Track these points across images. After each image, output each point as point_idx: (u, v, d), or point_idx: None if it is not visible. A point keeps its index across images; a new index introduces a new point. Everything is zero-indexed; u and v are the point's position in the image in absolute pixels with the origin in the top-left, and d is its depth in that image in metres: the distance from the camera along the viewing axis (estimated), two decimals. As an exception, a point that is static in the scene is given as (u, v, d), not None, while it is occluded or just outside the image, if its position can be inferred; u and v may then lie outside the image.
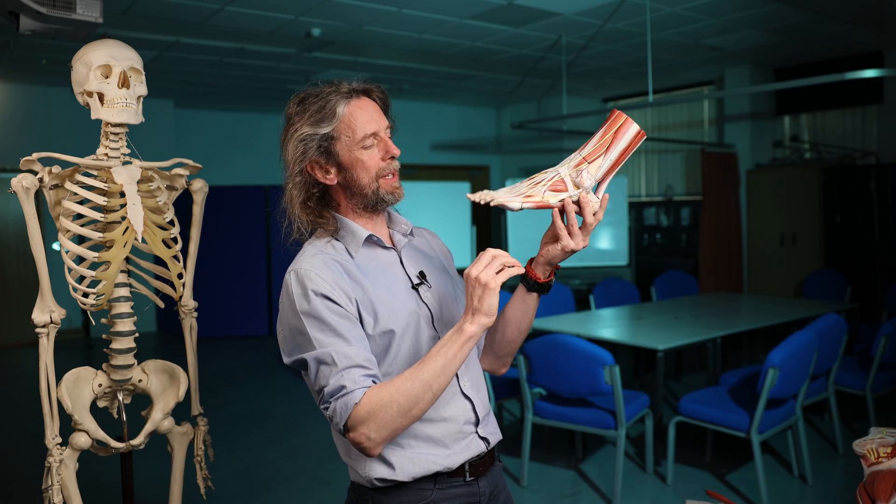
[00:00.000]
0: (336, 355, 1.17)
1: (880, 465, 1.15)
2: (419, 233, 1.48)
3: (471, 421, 1.32)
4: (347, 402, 1.15)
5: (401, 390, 1.14)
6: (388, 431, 1.16)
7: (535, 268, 1.31)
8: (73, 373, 2.06)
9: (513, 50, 6.40)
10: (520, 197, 1.19)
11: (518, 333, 1.41)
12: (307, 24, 5.34)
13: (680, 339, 3.68)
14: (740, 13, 5.30)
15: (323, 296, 1.20)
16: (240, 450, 4.15)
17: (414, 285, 1.32)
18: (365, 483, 1.28)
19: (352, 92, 1.28)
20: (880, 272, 6.33)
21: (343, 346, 1.18)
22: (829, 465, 3.74)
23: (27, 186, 1.91)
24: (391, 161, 1.29)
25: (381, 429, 1.15)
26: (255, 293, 7.90)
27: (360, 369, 1.17)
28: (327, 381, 1.17)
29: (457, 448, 1.29)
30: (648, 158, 8.86)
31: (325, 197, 1.33)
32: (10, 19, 2.28)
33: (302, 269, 1.23)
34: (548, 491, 3.48)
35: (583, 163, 1.20)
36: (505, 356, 1.45)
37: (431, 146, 9.61)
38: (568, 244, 1.22)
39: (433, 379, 1.15)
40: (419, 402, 1.15)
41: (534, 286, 1.32)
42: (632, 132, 1.18)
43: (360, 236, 1.30)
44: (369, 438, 1.15)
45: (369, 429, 1.14)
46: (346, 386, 1.16)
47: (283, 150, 1.30)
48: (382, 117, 1.30)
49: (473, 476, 1.31)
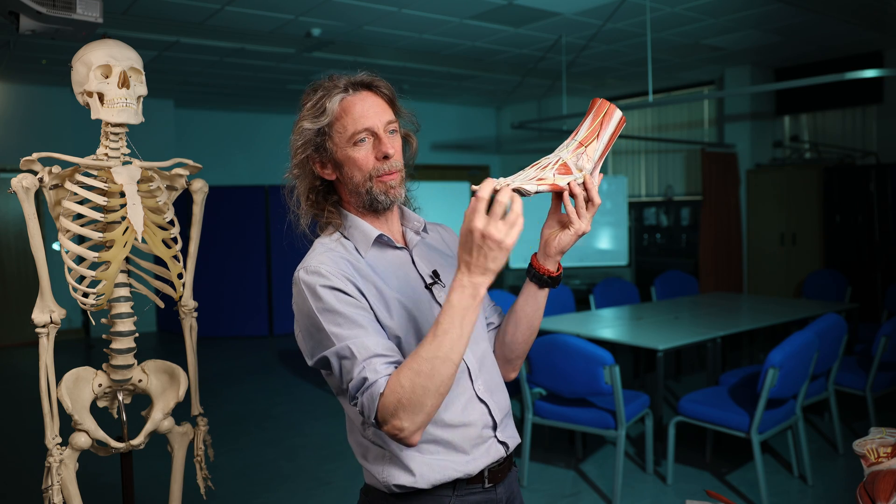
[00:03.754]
0: (354, 347, 1.13)
1: (880, 465, 1.15)
2: (433, 229, 1.43)
3: (488, 425, 1.28)
4: (373, 393, 1.10)
5: (422, 372, 1.08)
6: (422, 416, 1.09)
7: (543, 262, 1.28)
8: (73, 373, 2.05)
9: (513, 50, 6.40)
10: (533, 181, 1.18)
11: (530, 333, 1.37)
12: (307, 24, 5.34)
13: (680, 339, 3.68)
14: (740, 13, 5.31)
15: (334, 288, 1.17)
16: (240, 450, 4.15)
17: (427, 285, 1.29)
18: (382, 488, 1.25)
19: (349, 86, 1.23)
20: (880, 272, 6.33)
21: (361, 336, 1.14)
22: (829, 465, 3.74)
23: (27, 186, 1.91)
24: (385, 161, 1.23)
25: (414, 415, 1.08)
26: (255, 293, 7.90)
27: (380, 358, 1.13)
28: (351, 376, 1.13)
29: (476, 453, 1.26)
30: (648, 158, 8.86)
31: (329, 191, 1.30)
32: (10, 19, 2.28)
33: (311, 266, 1.20)
34: (548, 491, 3.48)
35: (580, 147, 1.23)
36: (516, 359, 1.41)
37: (431, 146, 9.61)
38: (580, 226, 1.21)
39: (451, 350, 1.08)
40: (443, 377, 1.08)
41: (546, 281, 1.30)
42: (616, 118, 1.23)
43: (369, 236, 1.26)
44: (403, 428, 1.09)
45: (401, 419, 1.08)
46: (369, 378, 1.11)
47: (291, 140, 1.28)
48: (383, 113, 1.24)
49: (492, 483, 1.28)
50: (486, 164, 10.43)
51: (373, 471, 1.25)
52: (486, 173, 10.42)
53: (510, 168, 10.22)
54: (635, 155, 8.97)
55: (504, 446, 1.30)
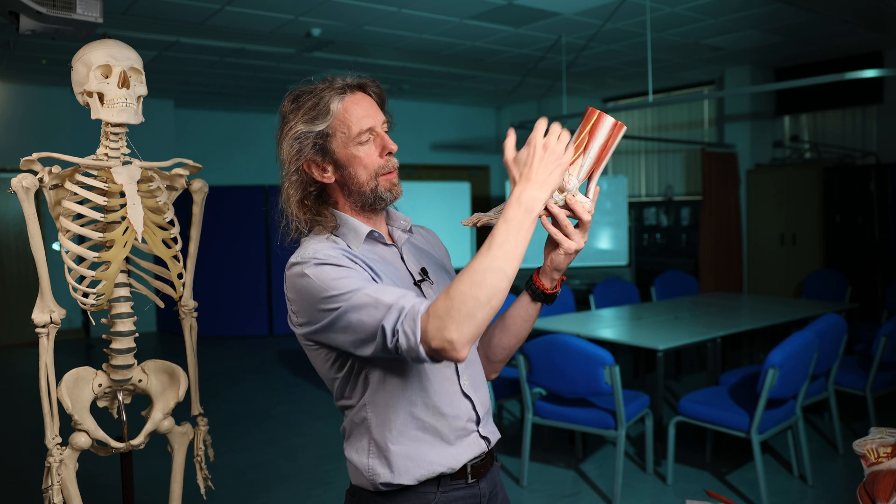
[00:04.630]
0: (376, 292, 1.09)
1: (880, 465, 1.15)
2: (417, 231, 1.46)
3: (472, 419, 1.31)
4: (414, 315, 1.04)
5: (474, 282, 1.02)
6: (472, 327, 1.02)
7: (541, 277, 1.30)
8: (73, 373, 2.05)
9: (513, 50, 6.40)
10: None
11: (516, 341, 1.40)
12: (307, 24, 5.34)
13: (680, 339, 3.68)
14: (740, 13, 5.31)
15: (334, 264, 1.15)
16: (240, 450, 4.15)
17: (416, 281, 1.31)
18: (368, 487, 1.26)
19: (346, 87, 1.25)
20: (880, 272, 6.33)
21: (377, 285, 1.11)
22: (829, 465, 3.74)
23: (27, 186, 1.91)
24: (389, 158, 1.26)
25: (463, 325, 1.01)
26: (255, 293, 7.90)
27: (411, 296, 1.08)
28: (378, 317, 1.06)
29: (460, 446, 1.28)
30: (648, 158, 8.86)
31: (323, 195, 1.30)
32: (10, 19, 2.28)
33: (306, 254, 1.18)
34: (548, 491, 3.48)
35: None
36: (497, 362, 1.44)
37: (431, 146, 9.61)
38: (569, 246, 1.21)
39: (505, 263, 1.04)
40: (495, 289, 1.03)
41: (540, 296, 1.32)
42: (607, 126, 1.18)
43: (361, 232, 1.27)
44: (453, 340, 1.01)
45: (450, 329, 1.01)
46: (405, 306, 1.06)
47: (279, 149, 1.27)
48: (379, 112, 1.27)
49: (475, 478, 1.31)
50: (486, 164, 10.43)
51: (360, 468, 1.26)
52: (486, 173, 10.42)
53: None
54: (635, 155, 8.98)
55: (486, 441, 1.33)
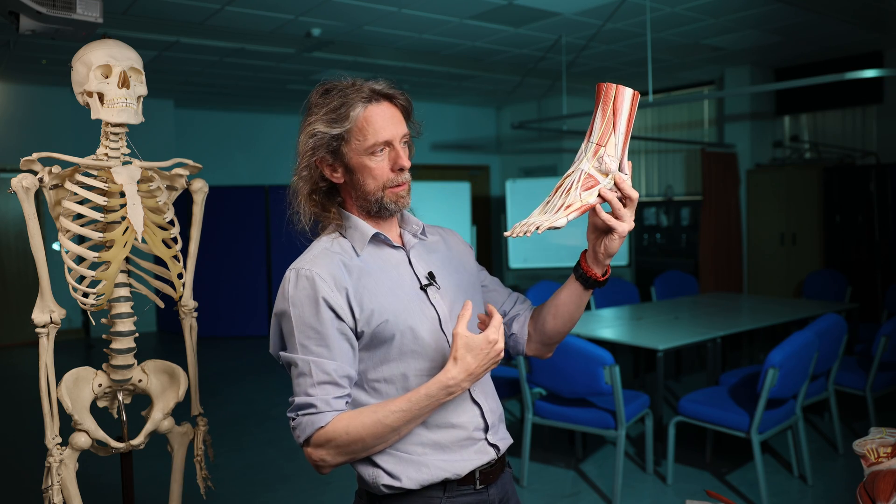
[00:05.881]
0: (315, 367, 1.19)
1: (880, 465, 1.15)
2: (434, 231, 1.44)
3: (480, 427, 1.29)
4: (314, 421, 1.17)
5: (368, 429, 1.17)
6: (345, 459, 1.20)
7: (591, 265, 1.30)
8: (73, 373, 2.05)
9: (513, 50, 6.40)
10: (560, 211, 1.15)
11: (571, 324, 1.42)
12: (307, 24, 5.34)
13: (680, 339, 3.68)
14: (740, 13, 5.30)
15: (318, 300, 1.19)
16: (240, 450, 4.15)
17: (422, 286, 1.30)
18: (373, 490, 1.26)
19: (373, 95, 1.24)
20: (880, 272, 6.33)
21: (324, 358, 1.19)
22: (829, 465, 3.74)
23: (27, 186, 1.91)
24: (401, 173, 1.26)
25: (340, 456, 1.19)
26: (255, 293, 7.90)
27: (334, 388, 1.19)
28: (300, 393, 1.19)
29: (465, 455, 1.27)
30: (648, 158, 8.86)
31: (332, 192, 1.31)
32: (10, 19, 2.28)
33: (303, 269, 1.22)
34: (548, 491, 3.48)
35: (599, 149, 1.18)
36: (553, 344, 1.46)
37: (431, 146, 9.61)
38: (623, 229, 1.20)
39: (405, 428, 1.19)
40: (384, 442, 1.20)
41: (593, 283, 1.32)
42: (628, 98, 1.16)
43: (366, 234, 1.28)
44: (325, 462, 1.19)
45: (328, 453, 1.18)
46: (317, 406, 1.18)
47: (298, 139, 1.29)
48: (400, 125, 1.26)
49: (484, 484, 1.29)
50: (486, 165, 10.43)
51: (362, 472, 1.27)
52: (486, 173, 10.42)
53: (510, 168, 10.21)
54: (635, 155, 8.97)
55: (495, 448, 1.31)
